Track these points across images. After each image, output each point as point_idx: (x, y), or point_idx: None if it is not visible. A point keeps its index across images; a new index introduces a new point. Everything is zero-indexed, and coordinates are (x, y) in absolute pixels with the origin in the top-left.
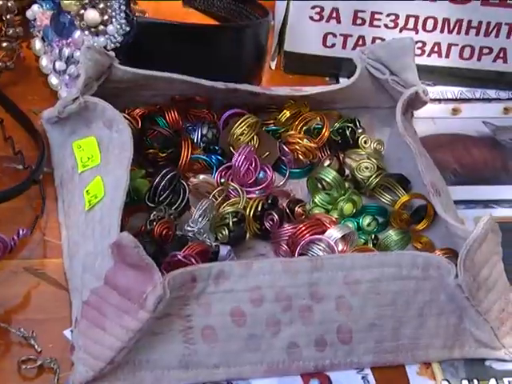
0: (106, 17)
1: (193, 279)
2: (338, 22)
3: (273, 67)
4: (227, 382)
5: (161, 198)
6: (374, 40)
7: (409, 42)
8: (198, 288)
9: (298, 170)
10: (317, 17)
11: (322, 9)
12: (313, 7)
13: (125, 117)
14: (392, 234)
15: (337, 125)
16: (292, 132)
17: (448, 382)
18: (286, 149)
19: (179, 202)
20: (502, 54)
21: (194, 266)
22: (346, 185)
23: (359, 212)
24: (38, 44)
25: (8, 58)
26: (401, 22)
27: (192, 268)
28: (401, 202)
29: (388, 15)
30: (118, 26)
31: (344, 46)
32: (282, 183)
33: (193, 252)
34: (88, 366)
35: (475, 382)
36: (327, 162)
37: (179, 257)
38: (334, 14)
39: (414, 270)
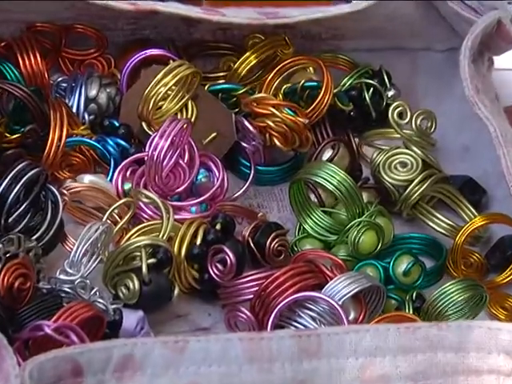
0: None
1: (75, 371)
2: None
3: None
4: None
5: (10, 220)
6: None
7: None
8: None
9: (272, 169)
10: None
11: None
12: None
13: None
14: (451, 291)
15: (347, 81)
16: (262, 95)
17: None
18: (251, 127)
19: (46, 226)
20: None
21: (75, 346)
22: (365, 197)
23: (389, 248)
24: None
25: None
26: None
27: (73, 350)
28: (468, 231)
29: None
30: None
31: None
32: (241, 192)
33: (72, 321)
34: None
35: None
36: (328, 153)
37: (47, 330)
38: None
39: (491, 357)
